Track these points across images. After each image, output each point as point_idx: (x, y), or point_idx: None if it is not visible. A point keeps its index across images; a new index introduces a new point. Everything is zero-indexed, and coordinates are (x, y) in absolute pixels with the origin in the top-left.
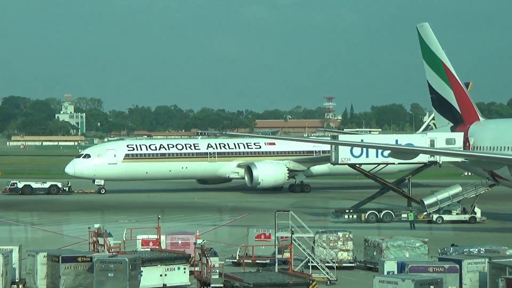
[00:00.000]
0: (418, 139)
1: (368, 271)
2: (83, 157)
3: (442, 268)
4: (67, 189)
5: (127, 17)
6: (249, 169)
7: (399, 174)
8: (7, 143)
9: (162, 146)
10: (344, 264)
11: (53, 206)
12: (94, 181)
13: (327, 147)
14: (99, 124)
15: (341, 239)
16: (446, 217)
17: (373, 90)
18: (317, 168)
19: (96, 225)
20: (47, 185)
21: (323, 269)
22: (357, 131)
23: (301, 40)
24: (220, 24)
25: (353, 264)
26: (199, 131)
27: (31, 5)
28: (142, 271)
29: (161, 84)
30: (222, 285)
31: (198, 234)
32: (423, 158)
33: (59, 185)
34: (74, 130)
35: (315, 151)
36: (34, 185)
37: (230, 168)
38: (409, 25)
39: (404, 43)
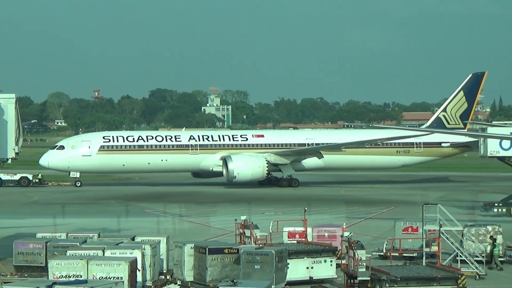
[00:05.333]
0: None
1: None
2: (57, 149)
3: None
4: (38, 181)
5: (270, 12)
6: (225, 162)
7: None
8: None
9: (140, 138)
10: None
11: (200, 198)
12: (70, 173)
13: (321, 140)
14: (245, 116)
15: (490, 232)
16: None
17: None
18: (309, 162)
19: (243, 217)
20: (17, 177)
21: (472, 263)
22: (506, 123)
23: (447, 32)
24: (366, 17)
25: (502, 259)
26: (345, 124)
27: (177, 3)
28: (288, 264)
29: (307, 77)
30: (369, 278)
31: (344, 226)
32: None
33: (30, 177)
34: (220, 123)
35: (307, 143)
36: (4, 177)
37: (213, 161)
38: None
39: None
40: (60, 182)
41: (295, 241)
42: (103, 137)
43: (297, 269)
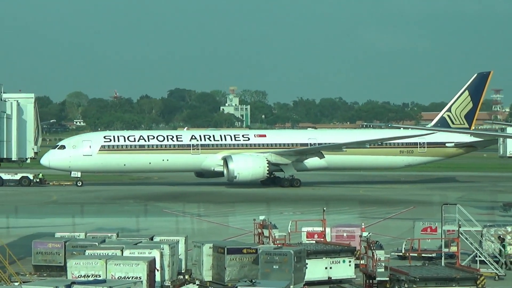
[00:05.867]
0: None
1: None
2: (58, 148)
3: None
4: (38, 181)
5: (289, 12)
6: (226, 162)
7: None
8: None
9: (141, 138)
10: None
11: (219, 197)
12: (71, 173)
13: (323, 140)
14: (263, 116)
15: (510, 233)
16: None
17: None
18: (311, 162)
19: (261, 217)
20: (17, 176)
21: (491, 264)
22: None
23: (467, 31)
24: (384, 16)
25: None
26: (364, 123)
27: (197, 4)
28: (307, 264)
29: (325, 77)
30: (387, 278)
31: (363, 226)
32: None
33: (31, 176)
34: (239, 123)
35: (310, 143)
36: (5, 176)
37: (215, 161)
38: None
39: None
40: (61, 182)
41: (314, 241)
42: (104, 137)
43: (316, 269)
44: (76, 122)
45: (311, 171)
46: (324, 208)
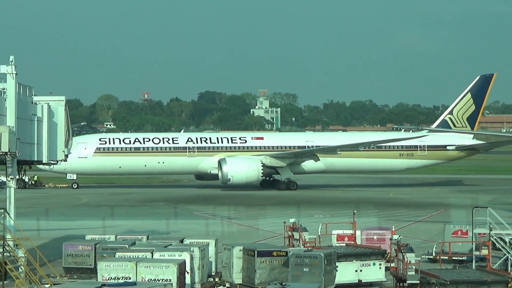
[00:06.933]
0: None
1: None
2: None
3: None
4: (34, 183)
5: (319, 15)
6: (220, 165)
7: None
8: None
9: (137, 140)
10: None
11: (249, 200)
12: (66, 175)
13: (320, 143)
14: (293, 119)
15: None
16: None
17: None
18: (309, 165)
19: (292, 220)
20: None
21: None
22: None
23: (494, 33)
24: (415, 19)
25: None
26: (395, 126)
27: (226, 7)
28: (337, 266)
29: (356, 79)
30: (418, 281)
31: (393, 229)
32: None
33: (26, 179)
34: (269, 125)
35: (307, 146)
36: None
37: (211, 164)
38: None
39: None
40: (57, 184)
41: (344, 244)
42: (99, 139)
43: (346, 272)
44: (107, 125)
45: (309, 174)
46: (355, 211)
